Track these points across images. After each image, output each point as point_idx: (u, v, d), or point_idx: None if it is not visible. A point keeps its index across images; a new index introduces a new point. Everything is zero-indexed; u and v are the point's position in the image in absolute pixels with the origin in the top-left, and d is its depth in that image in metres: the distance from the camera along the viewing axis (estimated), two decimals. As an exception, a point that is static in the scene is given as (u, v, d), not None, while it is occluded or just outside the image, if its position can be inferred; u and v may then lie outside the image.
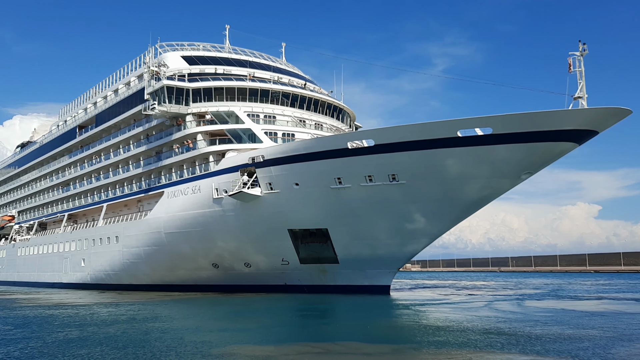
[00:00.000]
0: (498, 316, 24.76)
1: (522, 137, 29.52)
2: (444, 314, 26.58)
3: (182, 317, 26.87)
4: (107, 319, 24.40)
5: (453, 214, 35.29)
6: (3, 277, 76.37)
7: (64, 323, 22.97)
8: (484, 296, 39.47)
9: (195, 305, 33.50)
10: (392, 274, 38.85)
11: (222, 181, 38.82)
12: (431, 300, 36.70)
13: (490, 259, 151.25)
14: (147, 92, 44.96)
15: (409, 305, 31.90)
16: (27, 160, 77.29)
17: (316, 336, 18.75)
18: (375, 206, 34.55)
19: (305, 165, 34.90)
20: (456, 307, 30.71)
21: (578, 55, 29.94)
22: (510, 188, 33.58)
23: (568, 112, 28.88)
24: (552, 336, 17.81)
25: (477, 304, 32.15)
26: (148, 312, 27.78)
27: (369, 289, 38.08)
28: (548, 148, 30.09)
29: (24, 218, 75.57)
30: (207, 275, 43.26)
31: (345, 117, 49.60)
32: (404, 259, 38.32)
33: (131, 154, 51.10)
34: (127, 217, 49.98)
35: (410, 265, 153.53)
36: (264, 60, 50.73)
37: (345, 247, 37.06)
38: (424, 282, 69.74)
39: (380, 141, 32.26)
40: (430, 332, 19.14)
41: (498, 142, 29.97)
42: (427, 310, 28.55)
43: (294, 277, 40.06)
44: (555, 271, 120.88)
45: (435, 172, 32.11)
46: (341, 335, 18.99)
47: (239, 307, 31.50)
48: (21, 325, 22.54)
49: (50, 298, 41.40)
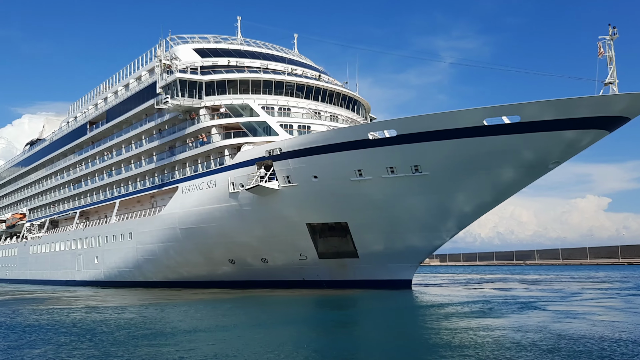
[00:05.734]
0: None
1: (551, 125, 28.47)
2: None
3: (253, 323, 21.85)
4: (196, 327, 19.78)
5: (476, 206, 34.35)
6: (15, 275, 76.12)
7: (154, 332, 18.33)
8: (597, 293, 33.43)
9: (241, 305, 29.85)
10: (414, 268, 37.97)
11: (238, 175, 38.01)
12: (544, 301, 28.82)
13: (514, 252, 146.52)
14: (159, 86, 44.15)
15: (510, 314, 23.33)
16: (36, 158, 76.83)
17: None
18: (397, 199, 33.62)
19: (324, 157, 34.00)
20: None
21: (608, 39, 28.78)
22: (537, 178, 32.58)
23: (600, 98, 27.79)
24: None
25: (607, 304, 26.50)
26: (215, 315, 24.34)
27: (390, 283, 37.19)
28: (578, 136, 29.04)
29: (35, 216, 75.17)
30: (223, 271, 42.54)
31: (360, 109, 48.65)
32: (426, 252, 37.46)
33: (144, 149, 50.38)
34: (140, 213, 49.32)
35: (429, 259, 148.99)
36: (277, 52, 49.80)
37: (366, 240, 36.18)
38: (466, 277, 63.93)
39: (403, 131, 31.30)
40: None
41: (526, 130, 28.93)
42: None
43: (313, 272, 39.25)
44: (586, 264, 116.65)
45: (460, 163, 31.12)
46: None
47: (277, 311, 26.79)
48: (106, 334, 18.15)
49: (76, 297, 39.20)
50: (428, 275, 73.00)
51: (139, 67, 54.73)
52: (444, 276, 70.63)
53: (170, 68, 43.51)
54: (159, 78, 44.28)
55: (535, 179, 32.82)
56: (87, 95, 66.44)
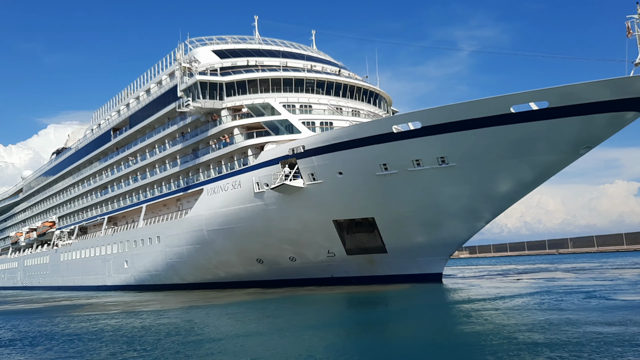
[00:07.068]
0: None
1: (581, 109, 27.69)
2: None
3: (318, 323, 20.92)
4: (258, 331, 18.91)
5: (506, 196, 33.68)
6: (48, 282, 77.57)
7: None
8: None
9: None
10: (444, 261, 37.44)
11: (262, 175, 37.95)
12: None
13: (546, 241, 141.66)
14: (180, 89, 44.35)
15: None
16: (63, 166, 78.15)
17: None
18: (424, 192, 33.15)
19: (349, 153, 33.70)
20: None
21: (637, 18, 27.75)
22: (567, 165, 31.75)
23: (631, 79, 26.90)
24: None
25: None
26: (253, 318, 23.33)
27: (420, 277, 36.78)
28: (610, 119, 28.18)
29: (65, 223, 76.48)
30: (252, 271, 42.59)
31: (382, 103, 48.21)
32: (456, 244, 36.89)
33: (167, 153, 50.74)
34: (167, 216, 49.70)
35: (458, 252, 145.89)
36: (295, 49, 49.63)
37: (393, 235, 35.79)
38: (502, 269, 59.99)
39: (428, 123, 30.81)
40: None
41: (555, 115, 28.19)
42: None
43: (341, 269, 39.01)
44: (623, 250, 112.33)
45: (488, 153, 30.53)
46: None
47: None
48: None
49: (112, 302, 38.30)
50: (462, 268, 70.88)
51: (159, 72, 55.11)
52: (480, 268, 68.25)
53: (190, 71, 43.65)
54: (180, 81, 44.48)
55: (565, 165, 31.99)
56: (110, 102, 67.27)
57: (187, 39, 48.01)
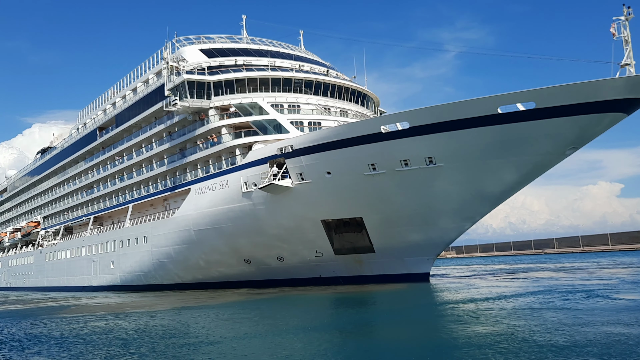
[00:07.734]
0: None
1: (568, 110, 27.93)
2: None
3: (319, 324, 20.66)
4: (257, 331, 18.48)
5: (493, 196, 33.88)
6: (32, 283, 76.63)
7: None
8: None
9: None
10: (431, 261, 37.59)
11: (250, 174, 37.80)
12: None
13: (532, 241, 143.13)
14: (167, 88, 44.01)
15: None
16: (48, 166, 77.23)
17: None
18: (412, 191, 33.23)
19: (337, 153, 33.69)
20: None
21: (623, 19, 28.10)
22: (554, 165, 32.02)
23: (617, 80, 27.18)
24: None
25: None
26: (242, 320, 22.79)
27: (407, 277, 36.89)
28: (596, 120, 28.46)
29: (50, 223, 75.58)
30: (239, 272, 42.40)
31: (369, 103, 48.26)
32: (443, 244, 37.03)
33: (154, 153, 50.34)
34: (154, 216, 49.30)
35: (445, 252, 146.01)
36: (284, 49, 49.50)
37: (381, 235, 35.85)
38: (492, 268, 59.86)
39: (416, 123, 30.90)
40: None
41: (542, 116, 28.41)
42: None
43: (329, 269, 38.99)
44: (608, 250, 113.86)
45: (475, 153, 30.67)
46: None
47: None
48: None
49: (98, 303, 37.41)
50: (452, 268, 70.74)
51: (146, 71, 54.68)
52: (470, 267, 68.37)
53: (177, 70, 43.36)
54: (167, 80, 44.15)
55: (552, 166, 32.28)
56: (96, 101, 66.61)
57: (174, 37, 47.76)
